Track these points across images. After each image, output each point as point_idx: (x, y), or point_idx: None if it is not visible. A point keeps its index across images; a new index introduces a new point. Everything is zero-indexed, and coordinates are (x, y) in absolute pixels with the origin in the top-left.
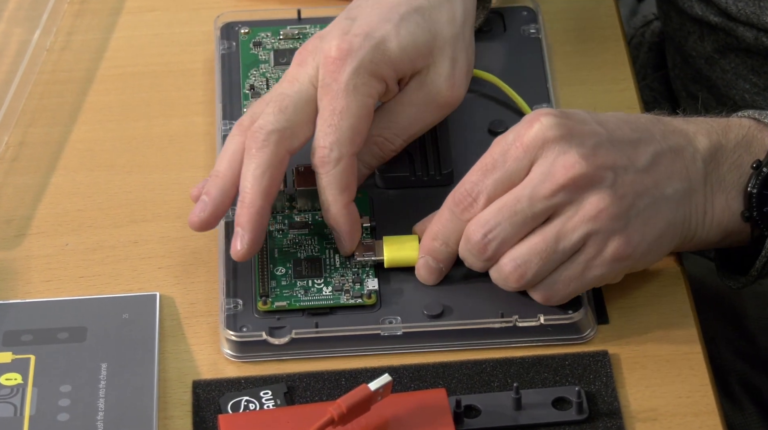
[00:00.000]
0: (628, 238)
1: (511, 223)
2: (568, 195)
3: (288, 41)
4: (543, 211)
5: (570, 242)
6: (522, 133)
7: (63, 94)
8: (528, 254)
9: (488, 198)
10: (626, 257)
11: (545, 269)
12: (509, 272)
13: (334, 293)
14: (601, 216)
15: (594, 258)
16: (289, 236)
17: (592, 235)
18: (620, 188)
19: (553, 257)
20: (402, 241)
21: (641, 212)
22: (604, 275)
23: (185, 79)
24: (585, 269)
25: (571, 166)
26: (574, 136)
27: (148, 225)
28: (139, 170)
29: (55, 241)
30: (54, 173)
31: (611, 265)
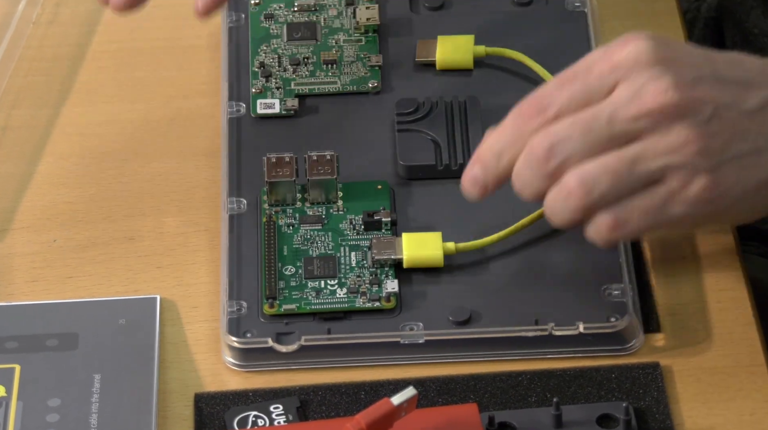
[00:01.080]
0: (717, 180)
1: (583, 139)
2: (654, 123)
3: (303, 14)
4: (622, 135)
5: (648, 169)
6: (612, 51)
7: (51, 72)
8: (598, 170)
9: (559, 110)
10: (712, 201)
11: (614, 192)
12: (573, 186)
13: (349, 296)
14: (688, 149)
15: (677, 193)
16: (300, 231)
17: (674, 168)
18: (716, 125)
19: (627, 180)
20: (424, 238)
21: (738, 157)
22: (686, 216)
23: (188, 56)
24: (666, 203)
25: (663, 92)
26: (672, 63)
27: (146, 220)
28: (136, 158)
29: (42, 237)
30: (40, 161)
31: (695, 206)
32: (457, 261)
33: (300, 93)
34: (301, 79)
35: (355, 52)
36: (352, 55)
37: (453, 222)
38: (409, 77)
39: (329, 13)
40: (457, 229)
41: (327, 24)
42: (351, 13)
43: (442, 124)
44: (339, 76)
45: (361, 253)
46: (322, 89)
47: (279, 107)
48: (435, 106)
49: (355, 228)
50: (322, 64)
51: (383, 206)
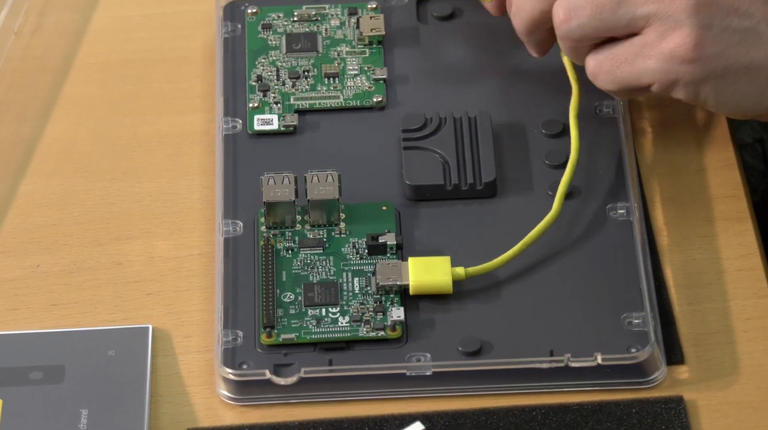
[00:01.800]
0: (698, 40)
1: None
2: None
3: (303, 24)
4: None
5: (632, 13)
6: None
7: (34, 85)
8: (585, 1)
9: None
10: (687, 61)
11: (593, 26)
12: (558, 11)
13: (351, 325)
14: (676, 3)
15: (651, 45)
16: (300, 255)
17: (658, 18)
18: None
19: (608, 18)
20: (432, 263)
21: (732, 30)
22: (658, 72)
23: (180, 69)
24: (638, 54)
25: None
26: None
27: (135, 243)
28: (124, 177)
29: (24, 261)
30: (23, 180)
31: (667, 62)
32: (466, 287)
33: (300, 108)
34: (301, 93)
35: (359, 64)
36: (356, 67)
37: (462, 246)
38: (415, 91)
39: (331, 23)
40: (466, 253)
41: (329, 35)
42: (354, 23)
43: (451, 142)
44: (341, 91)
45: (364, 278)
46: (323, 104)
47: (277, 123)
48: (443, 123)
49: (358, 252)
50: (323, 77)
51: (388, 229)
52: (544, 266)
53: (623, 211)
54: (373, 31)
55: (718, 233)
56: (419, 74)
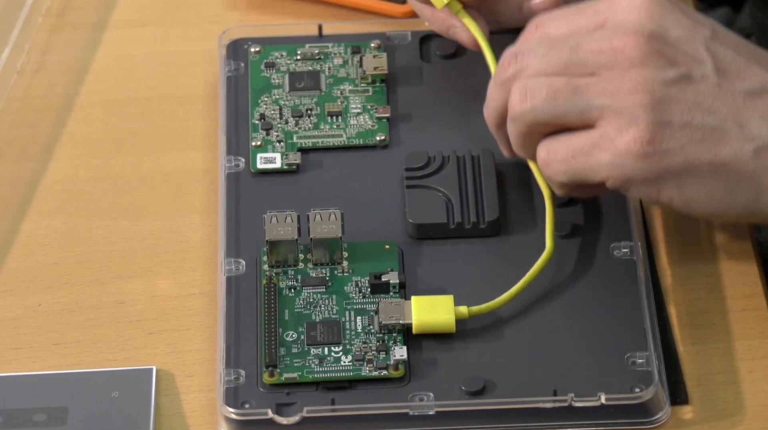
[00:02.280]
0: (654, 136)
1: (544, 54)
2: (613, 62)
3: (306, 62)
4: (579, 63)
5: (587, 103)
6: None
7: (36, 124)
8: (541, 83)
9: (546, 32)
10: (642, 156)
11: (546, 111)
12: (514, 92)
13: (354, 364)
14: (633, 97)
15: (606, 138)
16: (302, 294)
17: (613, 111)
18: (680, 89)
19: (563, 104)
20: (435, 302)
21: (694, 126)
22: (612, 166)
23: (183, 107)
24: (593, 147)
25: (633, 34)
26: (665, 14)
27: (137, 282)
28: (127, 215)
29: (26, 300)
30: (24, 219)
31: (622, 156)
32: (469, 326)
33: (303, 147)
34: (304, 131)
35: (362, 103)
36: (359, 106)
37: (465, 284)
38: (419, 130)
39: (334, 61)
40: (469, 292)
41: (332, 73)
42: (357, 62)
43: (454, 180)
44: (344, 129)
45: (367, 317)
46: (326, 143)
47: (280, 162)
48: (446, 161)
49: (361, 291)
50: (326, 116)
51: (391, 267)
52: (547, 305)
53: (626, 250)
54: (376, 69)
55: (723, 272)
56: (422, 113)
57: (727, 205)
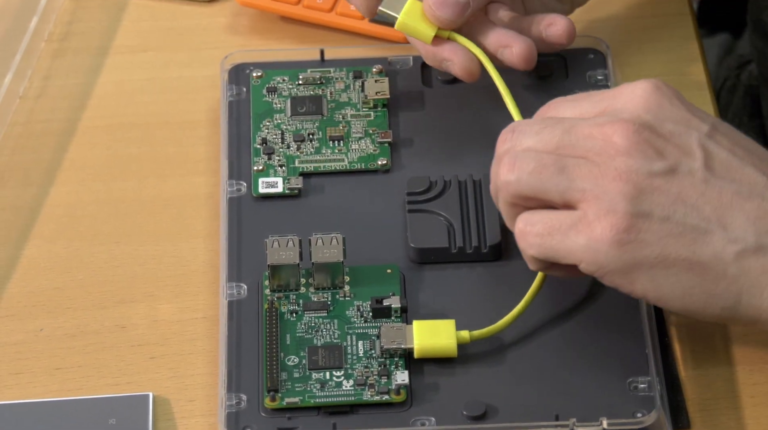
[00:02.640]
0: (631, 227)
1: (538, 132)
2: (602, 148)
3: (308, 87)
4: (570, 145)
5: (569, 184)
6: (628, 84)
7: (38, 149)
8: (531, 157)
9: (555, 114)
10: (616, 244)
11: (531, 184)
12: (504, 160)
13: (356, 388)
14: (614, 186)
15: (584, 222)
16: (304, 318)
17: (594, 195)
18: (665, 181)
19: (547, 181)
20: (436, 326)
21: (675, 222)
22: (585, 250)
23: (184, 132)
24: (570, 228)
25: (623, 122)
26: (662, 106)
27: (139, 306)
28: (128, 241)
29: (27, 325)
30: (26, 244)
31: (596, 242)
32: (471, 350)
33: (305, 171)
34: (306, 156)
35: (364, 127)
36: (360, 130)
37: (467, 309)
38: (420, 154)
39: (336, 86)
40: (471, 316)
41: (333, 98)
42: (359, 87)
43: (456, 205)
44: (346, 154)
45: (369, 342)
46: (328, 167)
47: (282, 186)
48: (448, 186)
49: (362, 315)
50: (328, 140)
51: (393, 292)
52: (549, 330)
53: None
54: (378, 94)
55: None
56: (424, 137)
57: (704, 305)
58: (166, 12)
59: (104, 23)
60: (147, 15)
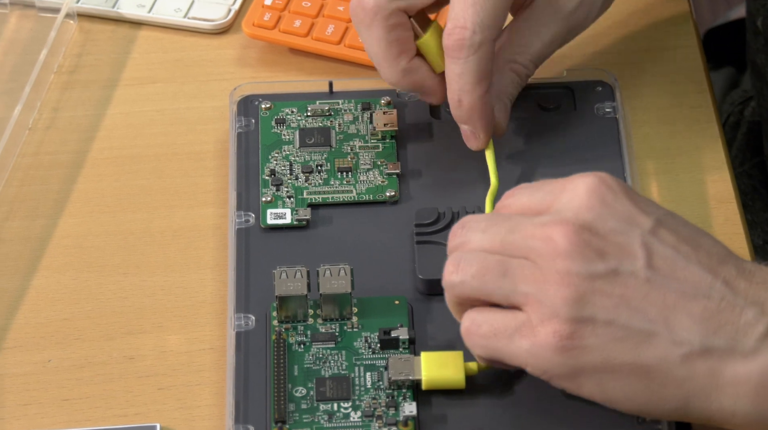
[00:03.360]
0: (573, 334)
1: (485, 229)
2: (543, 250)
3: (317, 119)
4: (513, 245)
5: (511, 287)
6: (576, 176)
7: (47, 180)
8: (475, 258)
9: (508, 206)
10: (559, 350)
11: (473, 286)
12: (449, 261)
13: (363, 420)
14: (555, 290)
15: (528, 326)
16: (312, 349)
17: (537, 300)
18: (607, 284)
19: (490, 284)
20: (444, 358)
21: (619, 326)
22: (529, 355)
23: (193, 164)
24: (516, 331)
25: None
26: (604, 203)
27: (147, 337)
28: (137, 272)
29: (36, 356)
30: (35, 275)
31: (542, 348)
32: (479, 382)
33: (313, 202)
34: (314, 187)
35: (372, 159)
36: (369, 162)
37: None
38: (428, 186)
39: (344, 118)
40: None
41: (342, 129)
42: (367, 118)
43: None
44: (354, 185)
45: (376, 373)
46: (336, 198)
47: (290, 217)
48: (456, 217)
49: (370, 346)
50: (336, 171)
51: (401, 323)
52: None
53: None
54: (386, 125)
55: None
56: (432, 169)
57: (653, 407)
58: (175, 44)
59: (113, 55)
60: (156, 47)
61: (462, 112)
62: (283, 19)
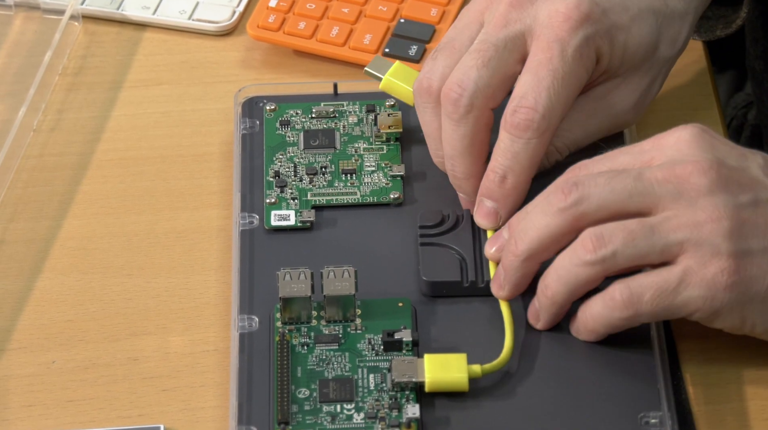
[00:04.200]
0: (739, 266)
1: (607, 186)
2: (680, 190)
3: (321, 120)
4: (645, 192)
5: (665, 240)
6: (661, 136)
7: (52, 182)
8: (614, 227)
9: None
10: (730, 287)
11: (627, 253)
12: (587, 238)
13: (366, 421)
14: (711, 227)
15: (694, 273)
16: (315, 351)
17: (693, 244)
18: (752, 213)
19: (642, 245)
20: (448, 360)
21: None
22: (701, 299)
23: (198, 165)
24: (680, 283)
25: (695, 162)
26: (715, 146)
27: (151, 339)
28: (141, 273)
29: (40, 358)
30: (39, 276)
31: (711, 289)
32: (483, 384)
33: (317, 204)
34: (319, 189)
35: (376, 161)
36: (373, 164)
37: (479, 343)
38: (433, 188)
39: (349, 119)
40: (483, 350)
41: (346, 131)
42: (372, 120)
43: (468, 239)
44: (358, 187)
45: (380, 375)
46: (340, 200)
47: (294, 219)
48: (461, 219)
49: (374, 348)
50: (340, 173)
51: (404, 325)
52: (560, 364)
53: None
54: (390, 128)
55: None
56: (436, 171)
57: None
58: (179, 46)
59: (118, 57)
60: (161, 49)
61: (499, 189)
62: (287, 21)
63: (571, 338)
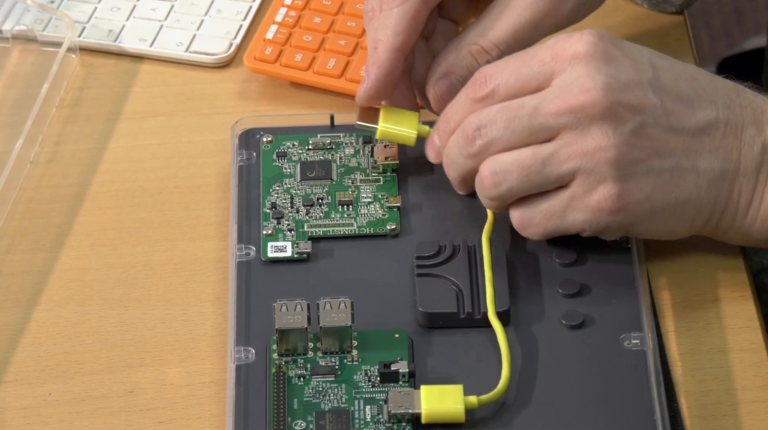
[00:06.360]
0: (623, 191)
1: (506, 126)
2: (574, 121)
3: (318, 152)
4: (542, 128)
5: (557, 171)
6: (560, 41)
7: (49, 214)
8: (510, 163)
9: (495, 88)
10: (614, 212)
11: (522, 188)
12: (485, 175)
13: None
14: (599, 155)
15: (578, 199)
16: (312, 383)
17: (582, 172)
18: (638, 138)
19: (536, 178)
20: (444, 391)
21: (654, 173)
22: (586, 223)
23: (194, 197)
24: (566, 208)
25: (589, 90)
26: (611, 62)
27: (147, 371)
28: (138, 305)
29: (36, 390)
30: (36, 308)
31: (595, 214)
32: (479, 415)
33: (313, 236)
34: (315, 220)
35: (373, 192)
36: (370, 195)
37: (475, 374)
38: (429, 219)
39: (345, 151)
40: (479, 381)
41: (343, 163)
42: (368, 152)
43: (465, 270)
44: (355, 218)
45: (376, 407)
46: (336, 232)
47: (291, 251)
48: (457, 251)
49: (370, 380)
50: (337, 205)
51: (401, 356)
52: (557, 396)
53: (637, 340)
54: (387, 159)
55: (734, 363)
56: (433, 202)
57: (687, 230)
58: (176, 78)
59: (115, 89)
60: (157, 81)
61: (370, 58)
62: (284, 53)
63: (568, 371)
